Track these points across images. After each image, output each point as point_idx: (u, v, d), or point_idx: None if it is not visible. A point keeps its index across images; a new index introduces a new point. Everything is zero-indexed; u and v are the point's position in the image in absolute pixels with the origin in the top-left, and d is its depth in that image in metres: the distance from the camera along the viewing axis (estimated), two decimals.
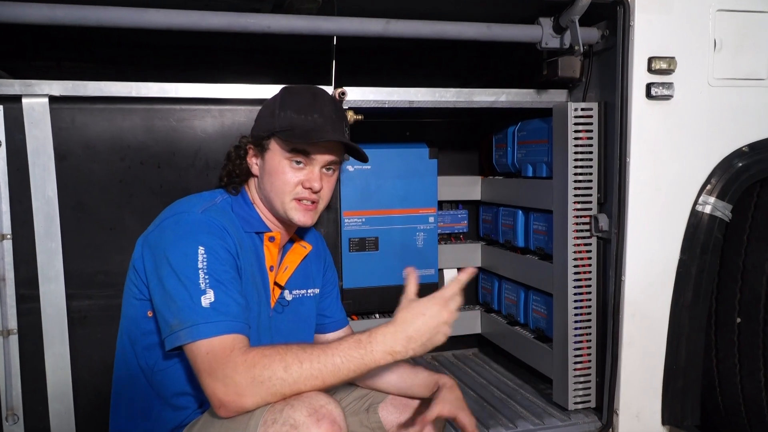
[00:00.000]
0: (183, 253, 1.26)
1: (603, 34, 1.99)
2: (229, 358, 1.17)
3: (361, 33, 1.83)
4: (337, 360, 1.18)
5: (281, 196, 1.41)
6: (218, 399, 1.16)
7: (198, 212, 1.34)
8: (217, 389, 1.16)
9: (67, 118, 1.71)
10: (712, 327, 2.05)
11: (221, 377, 1.16)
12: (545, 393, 2.32)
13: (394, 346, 1.20)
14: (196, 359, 1.19)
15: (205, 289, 1.22)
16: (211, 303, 1.21)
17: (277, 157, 1.41)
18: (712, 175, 1.97)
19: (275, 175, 1.41)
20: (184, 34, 1.74)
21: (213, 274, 1.24)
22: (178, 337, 1.21)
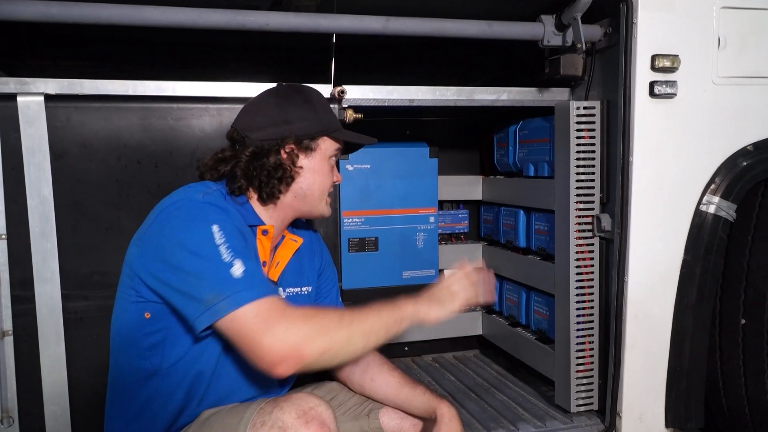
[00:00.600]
0: (198, 234, 1.26)
1: (606, 32, 1.98)
2: (284, 313, 1.21)
3: (361, 30, 1.83)
4: (384, 315, 1.31)
5: (323, 192, 1.50)
6: (278, 354, 1.17)
7: (199, 197, 1.34)
8: (277, 343, 1.17)
9: (63, 117, 1.70)
10: (716, 328, 2.05)
11: (281, 330, 1.18)
12: (547, 395, 2.32)
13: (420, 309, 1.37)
14: (243, 325, 1.19)
15: (232, 261, 1.23)
16: (243, 272, 1.23)
17: (324, 156, 1.48)
18: (716, 174, 1.96)
19: (321, 174, 1.48)
20: (182, 32, 1.73)
21: (233, 247, 1.26)
22: (217, 311, 1.20)
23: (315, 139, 1.46)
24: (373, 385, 1.60)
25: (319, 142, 1.47)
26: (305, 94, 1.50)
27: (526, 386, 2.45)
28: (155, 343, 1.34)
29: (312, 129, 1.45)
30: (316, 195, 1.48)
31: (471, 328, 2.86)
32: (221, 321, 1.21)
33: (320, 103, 1.50)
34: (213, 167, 1.46)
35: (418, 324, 1.37)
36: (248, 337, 1.19)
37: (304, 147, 1.45)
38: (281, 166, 1.43)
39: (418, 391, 1.57)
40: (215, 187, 1.42)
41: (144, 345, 1.35)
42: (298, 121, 1.45)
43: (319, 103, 1.50)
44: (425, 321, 1.38)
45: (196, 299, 1.23)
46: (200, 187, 1.41)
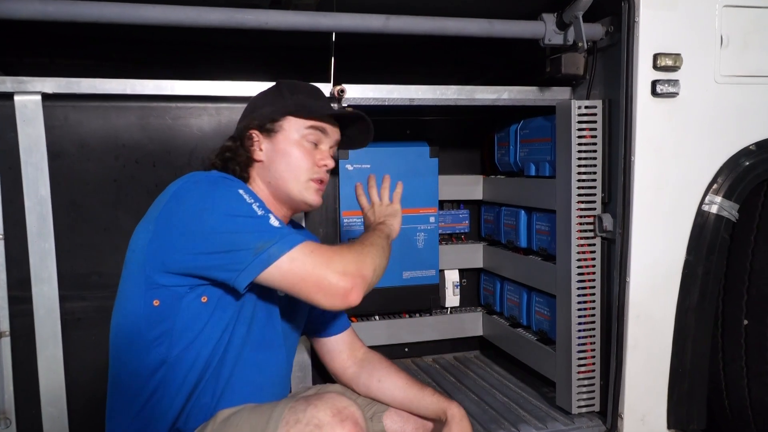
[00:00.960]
0: (227, 198, 1.29)
1: (607, 31, 1.98)
2: (330, 249, 1.30)
3: (361, 29, 1.82)
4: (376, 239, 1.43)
5: (298, 175, 1.45)
6: (346, 281, 1.26)
7: (214, 173, 1.39)
8: (342, 272, 1.26)
9: (61, 116, 1.70)
10: (719, 329, 2.04)
11: (338, 260, 1.27)
12: (548, 396, 2.32)
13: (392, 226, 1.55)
14: (303, 262, 1.25)
15: (267, 215, 1.28)
16: (280, 223, 1.29)
17: (292, 136, 1.46)
18: (719, 174, 1.96)
19: (290, 155, 1.45)
20: (180, 31, 1.73)
21: (263, 206, 1.31)
22: (270, 255, 1.23)
23: (276, 121, 1.46)
24: (381, 387, 1.60)
25: (282, 123, 1.46)
26: (288, 84, 1.52)
27: (527, 387, 2.45)
28: (163, 332, 1.33)
29: (274, 113, 1.47)
30: (287, 178, 1.45)
31: (472, 329, 2.85)
32: (276, 265, 1.24)
33: (291, 88, 1.50)
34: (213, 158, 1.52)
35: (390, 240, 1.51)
36: (312, 274, 1.24)
37: (266, 131, 1.46)
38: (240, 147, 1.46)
39: (426, 393, 1.58)
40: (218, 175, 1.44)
41: (150, 336, 1.33)
42: (263, 108, 1.49)
43: (290, 88, 1.50)
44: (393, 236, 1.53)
45: (243, 250, 1.24)
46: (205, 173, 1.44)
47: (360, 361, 1.67)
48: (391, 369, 1.63)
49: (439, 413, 1.54)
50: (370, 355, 1.69)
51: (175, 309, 1.32)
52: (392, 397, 1.59)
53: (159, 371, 1.34)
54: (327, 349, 1.69)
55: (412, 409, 1.58)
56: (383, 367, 1.63)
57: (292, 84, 1.53)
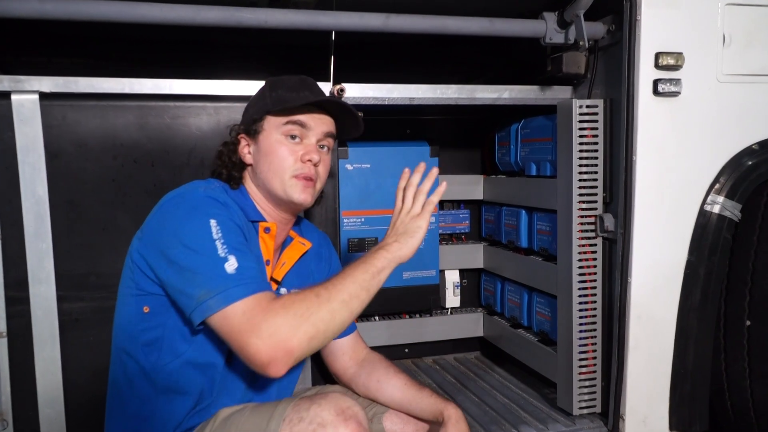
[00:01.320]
0: (195, 228, 1.27)
1: (609, 29, 1.98)
2: (268, 309, 1.20)
3: (361, 28, 1.82)
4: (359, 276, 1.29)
5: (281, 173, 1.43)
6: (266, 352, 1.17)
7: (200, 191, 1.35)
8: (264, 342, 1.17)
9: (58, 115, 1.70)
10: (721, 330, 2.04)
11: (265, 328, 1.18)
12: (549, 397, 2.31)
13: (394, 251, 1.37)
14: (232, 323, 1.19)
15: (227, 257, 1.24)
16: (236, 269, 1.23)
17: (272, 135, 1.44)
18: (721, 173, 1.96)
19: (272, 154, 1.43)
20: (179, 29, 1.72)
21: (230, 243, 1.26)
22: (208, 307, 1.21)
23: (258, 122, 1.46)
24: (380, 387, 1.60)
25: (263, 123, 1.46)
26: (272, 81, 1.51)
27: (528, 388, 2.45)
28: (152, 339, 1.34)
29: (256, 113, 1.47)
30: (271, 176, 1.44)
31: (472, 329, 2.85)
32: (212, 318, 1.21)
33: (276, 87, 1.48)
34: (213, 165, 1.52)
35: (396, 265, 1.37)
36: (237, 338, 1.20)
37: (252, 133, 1.46)
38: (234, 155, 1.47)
39: (424, 394, 1.57)
40: (217, 184, 1.46)
41: (141, 340, 1.35)
42: (249, 110, 1.51)
43: (273, 86, 1.48)
44: (402, 260, 1.37)
45: (188, 295, 1.24)
46: (203, 183, 1.44)
47: (361, 362, 1.67)
48: (390, 370, 1.63)
49: (437, 414, 1.53)
50: (371, 356, 1.69)
51: (165, 317, 1.33)
52: (390, 398, 1.59)
53: (153, 376, 1.35)
54: (330, 351, 1.69)
55: (409, 410, 1.58)
56: (382, 368, 1.63)
57: (275, 80, 1.51)
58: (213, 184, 1.44)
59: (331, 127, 1.50)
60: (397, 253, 1.37)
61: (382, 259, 1.34)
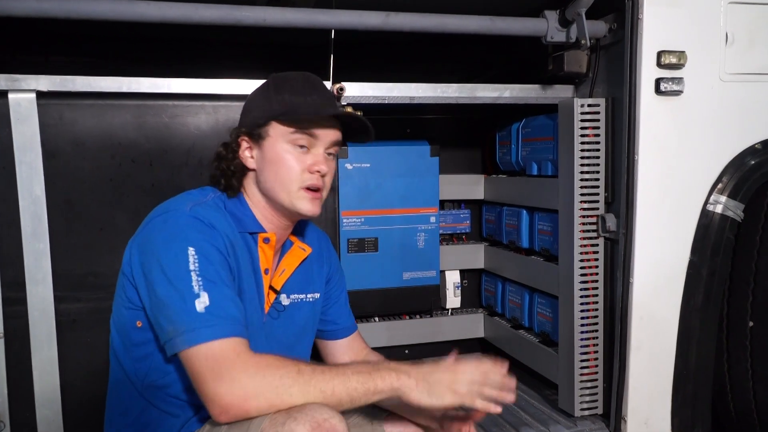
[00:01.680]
0: (173, 255, 1.23)
1: (611, 28, 1.98)
2: (236, 361, 1.16)
3: (360, 26, 1.82)
4: (353, 381, 1.19)
5: (288, 185, 1.37)
6: (222, 403, 1.14)
7: (186, 210, 1.30)
8: (223, 392, 1.14)
9: (55, 114, 1.70)
10: (724, 331, 2.04)
11: (228, 380, 1.14)
12: (550, 399, 2.31)
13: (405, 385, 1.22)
14: (194, 365, 1.17)
15: (199, 293, 1.20)
16: (206, 307, 1.19)
17: (279, 144, 1.37)
18: (724, 173, 1.95)
19: (279, 163, 1.36)
20: (177, 28, 1.72)
21: (206, 275, 1.22)
22: (174, 345, 1.19)
23: (262, 127, 1.37)
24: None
25: (268, 129, 1.37)
26: (276, 80, 1.43)
27: (529, 390, 2.45)
28: (145, 354, 1.33)
29: (260, 117, 1.38)
30: (277, 187, 1.37)
31: (473, 330, 2.85)
32: (178, 355, 1.20)
33: (281, 89, 1.39)
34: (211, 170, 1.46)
35: (388, 397, 1.24)
36: (197, 379, 1.17)
37: (255, 137, 1.39)
38: (228, 157, 1.40)
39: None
40: (213, 195, 1.40)
41: (134, 355, 1.34)
42: (252, 111, 1.42)
43: (276, 86, 1.40)
44: (405, 399, 1.23)
45: (160, 326, 1.23)
46: (196, 195, 1.39)
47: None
48: None
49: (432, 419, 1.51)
50: (372, 358, 1.67)
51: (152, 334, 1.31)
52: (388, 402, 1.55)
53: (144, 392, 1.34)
54: (330, 351, 1.68)
55: (406, 414, 1.54)
56: None
57: (280, 80, 1.42)
58: (206, 196, 1.39)
59: (339, 135, 1.43)
60: (407, 391, 1.23)
61: (387, 384, 1.22)
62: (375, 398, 1.22)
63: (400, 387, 1.22)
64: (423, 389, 1.23)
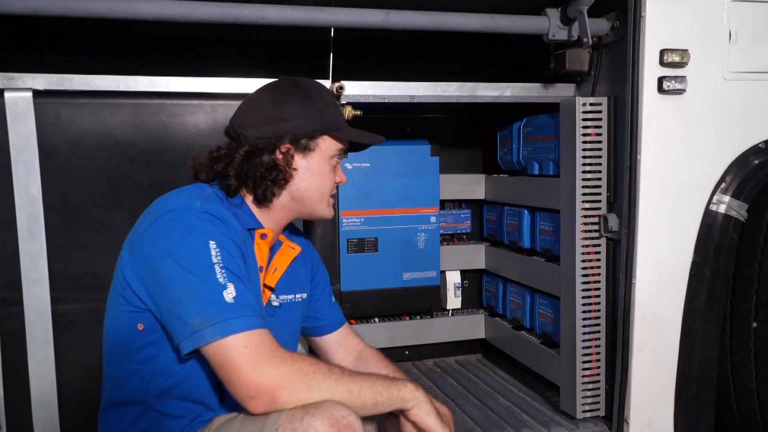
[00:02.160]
0: (193, 249, 1.23)
1: (613, 26, 1.97)
2: (275, 351, 1.20)
3: (360, 24, 1.82)
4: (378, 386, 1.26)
5: (324, 194, 1.47)
6: (258, 388, 1.16)
7: (197, 205, 1.30)
8: (260, 377, 1.16)
9: (52, 113, 1.69)
10: (727, 332, 2.04)
11: (266, 369, 1.17)
12: (552, 400, 2.31)
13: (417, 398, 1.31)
14: (229, 354, 1.17)
15: (225, 284, 1.21)
16: (234, 297, 1.21)
17: (325, 157, 1.45)
18: (727, 172, 1.95)
19: (321, 176, 1.45)
20: (175, 26, 1.72)
21: (229, 267, 1.24)
22: (202, 336, 1.18)
23: (314, 139, 1.42)
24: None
25: (319, 142, 1.43)
26: (305, 89, 1.44)
27: (530, 391, 2.45)
28: (148, 357, 1.32)
29: (310, 128, 1.41)
30: (314, 197, 1.45)
31: (474, 331, 2.85)
32: (205, 347, 1.19)
33: (321, 98, 1.45)
34: (208, 166, 1.42)
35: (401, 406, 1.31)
36: (232, 367, 1.17)
37: (302, 147, 1.41)
38: (275, 166, 1.39)
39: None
40: (211, 191, 1.39)
41: (137, 358, 1.33)
42: (296, 119, 1.40)
43: (319, 98, 1.44)
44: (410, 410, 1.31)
45: (182, 320, 1.20)
46: (196, 190, 1.38)
47: (356, 359, 1.68)
48: (387, 368, 1.63)
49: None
50: (366, 353, 1.70)
51: (159, 335, 1.30)
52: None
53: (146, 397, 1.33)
54: (322, 347, 1.70)
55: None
56: (378, 365, 1.64)
57: (319, 93, 1.46)
58: (206, 192, 1.37)
59: None
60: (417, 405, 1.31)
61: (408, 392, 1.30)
62: (395, 406, 1.29)
63: (415, 399, 1.31)
64: (431, 410, 1.33)
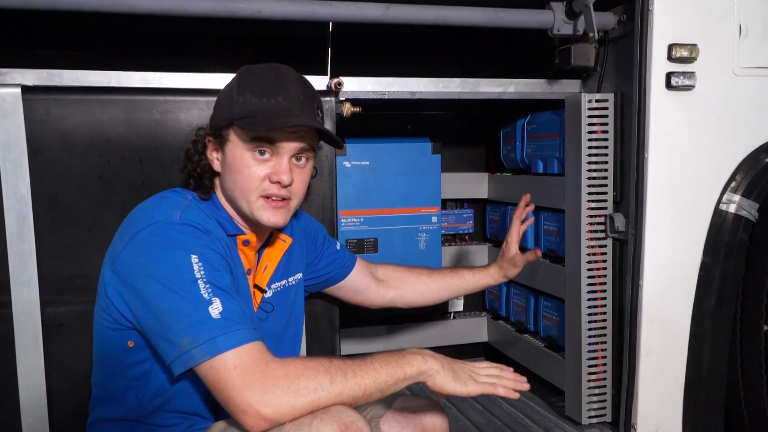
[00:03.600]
0: (174, 266, 1.20)
1: (619, 20, 1.97)
2: (266, 370, 1.14)
3: (359, 19, 1.81)
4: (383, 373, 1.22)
5: (246, 194, 1.35)
6: (257, 415, 1.12)
7: (176, 218, 1.27)
8: (256, 403, 1.12)
9: (42, 110, 1.68)
10: (737, 335, 2.04)
11: (260, 391, 1.12)
12: (557, 406, 2.31)
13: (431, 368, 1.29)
14: (220, 375, 1.13)
15: (211, 299, 1.17)
16: (221, 312, 1.16)
17: (238, 150, 1.34)
18: (737, 171, 1.95)
19: (238, 171, 1.34)
20: (169, 20, 1.71)
21: (213, 281, 1.20)
22: (192, 357, 1.15)
23: (225, 129, 1.36)
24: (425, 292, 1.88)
25: (229, 133, 1.35)
26: (242, 77, 1.38)
27: (535, 397, 2.44)
28: (142, 373, 1.31)
29: (221, 119, 1.36)
30: (237, 195, 1.36)
31: (476, 334, 2.85)
32: (197, 368, 1.16)
33: (244, 88, 1.35)
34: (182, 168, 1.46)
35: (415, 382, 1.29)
36: (224, 390, 1.14)
37: (219, 139, 1.38)
38: (201, 160, 1.40)
39: (461, 274, 1.92)
40: (190, 197, 1.38)
41: (130, 375, 1.32)
42: (216, 110, 1.40)
43: (242, 88, 1.35)
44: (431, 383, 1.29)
45: (170, 342, 1.18)
46: (175, 199, 1.36)
47: (382, 283, 1.85)
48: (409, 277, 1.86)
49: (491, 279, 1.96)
50: (388, 273, 1.87)
51: (151, 350, 1.28)
52: (428, 299, 1.89)
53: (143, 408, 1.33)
54: (349, 292, 1.82)
55: (459, 294, 1.95)
56: (402, 279, 1.85)
57: (246, 77, 1.38)
58: (186, 200, 1.36)
59: (308, 140, 1.38)
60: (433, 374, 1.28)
61: (415, 368, 1.27)
62: (404, 385, 1.26)
63: (427, 370, 1.27)
64: (448, 374, 1.29)
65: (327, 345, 1.94)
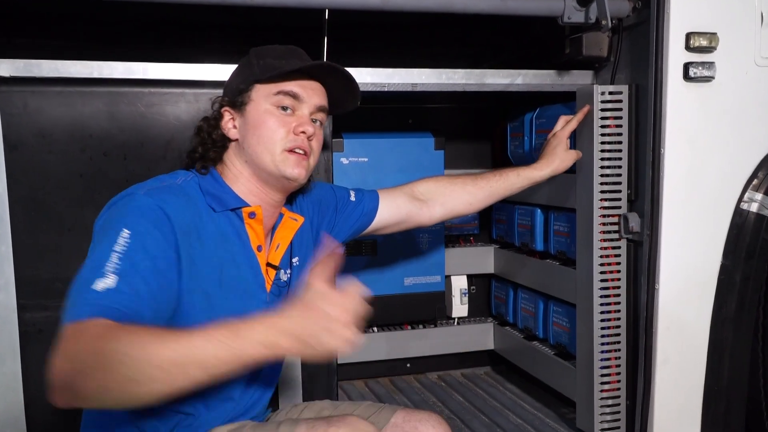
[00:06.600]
0: (106, 236, 1.22)
1: (634, 7, 1.97)
2: (73, 339, 1.05)
3: (357, 6, 1.81)
4: (208, 346, 1.02)
5: (271, 147, 1.43)
6: (53, 383, 1.02)
7: (141, 194, 1.30)
8: (54, 372, 1.02)
9: (19, 103, 1.69)
10: (759, 341, 2.04)
11: (59, 359, 1.03)
12: (567, 418, 2.31)
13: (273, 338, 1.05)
14: (59, 340, 1.06)
15: (107, 274, 1.14)
16: (104, 289, 1.12)
17: (261, 106, 1.45)
18: (760, 168, 1.95)
19: (262, 125, 1.43)
20: (155, 7, 1.71)
21: (127, 260, 1.17)
22: (64, 317, 1.11)
23: (244, 92, 1.46)
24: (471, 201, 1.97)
25: (250, 94, 1.46)
26: (257, 50, 1.51)
27: (544, 407, 2.45)
28: None
29: (241, 83, 1.47)
30: (260, 151, 1.43)
31: (481, 342, 2.85)
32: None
33: (263, 55, 1.49)
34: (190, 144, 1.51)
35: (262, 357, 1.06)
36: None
37: (237, 106, 1.47)
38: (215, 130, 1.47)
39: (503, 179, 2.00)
40: (183, 178, 1.42)
41: None
42: (233, 81, 1.51)
43: (260, 54, 1.49)
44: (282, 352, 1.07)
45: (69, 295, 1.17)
46: (163, 178, 1.42)
47: (426, 204, 1.92)
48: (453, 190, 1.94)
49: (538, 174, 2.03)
50: (430, 189, 1.94)
51: None
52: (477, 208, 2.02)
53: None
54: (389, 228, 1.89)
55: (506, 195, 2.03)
56: (446, 194, 1.94)
57: (261, 49, 1.51)
58: (176, 179, 1.40)
59: (324, 99, 1.51)
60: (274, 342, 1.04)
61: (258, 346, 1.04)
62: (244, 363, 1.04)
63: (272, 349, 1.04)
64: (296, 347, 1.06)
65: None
